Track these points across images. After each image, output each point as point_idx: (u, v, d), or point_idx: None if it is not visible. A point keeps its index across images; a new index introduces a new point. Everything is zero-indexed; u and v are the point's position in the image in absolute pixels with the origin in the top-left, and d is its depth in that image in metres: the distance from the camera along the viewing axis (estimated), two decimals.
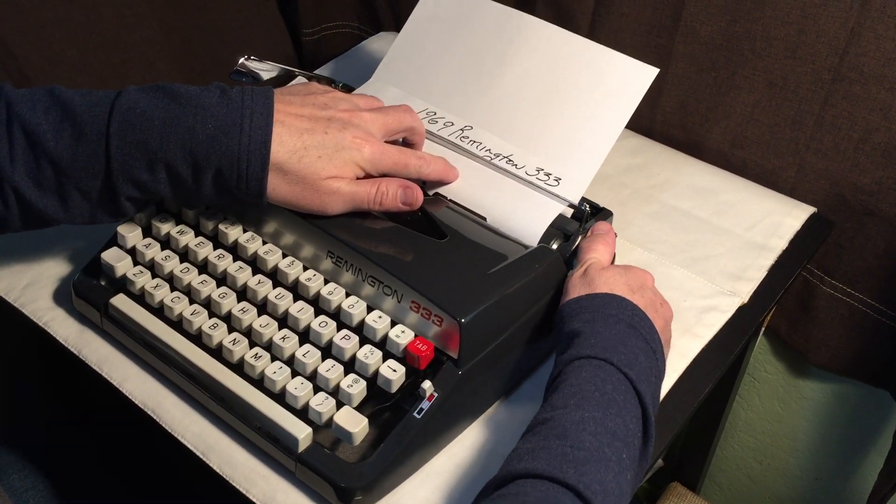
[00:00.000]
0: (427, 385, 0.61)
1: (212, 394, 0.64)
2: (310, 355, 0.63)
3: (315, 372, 0.62)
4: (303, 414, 0.62)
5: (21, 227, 0.64)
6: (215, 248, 0.70)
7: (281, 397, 0.63)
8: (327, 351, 0.64)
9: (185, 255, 0.71)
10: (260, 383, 0.64)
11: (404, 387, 0.62)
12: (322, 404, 0.61)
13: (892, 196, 0.83)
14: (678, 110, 0.94)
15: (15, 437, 0.81)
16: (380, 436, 0.62)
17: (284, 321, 0.66)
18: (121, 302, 0.69)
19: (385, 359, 0.62)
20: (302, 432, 0.60)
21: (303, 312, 0.65)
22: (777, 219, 0.86)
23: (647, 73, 0.71)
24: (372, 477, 0.59)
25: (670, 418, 0.68)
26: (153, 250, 0.70)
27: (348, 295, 0.65)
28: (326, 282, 0.66)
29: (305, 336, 0.65)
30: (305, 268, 0.67)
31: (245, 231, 0.70)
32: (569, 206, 0.71)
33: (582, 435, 0.54)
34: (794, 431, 1.13)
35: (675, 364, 0.71)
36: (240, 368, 0.65)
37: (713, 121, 0.92)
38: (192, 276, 0.69)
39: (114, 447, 0.87)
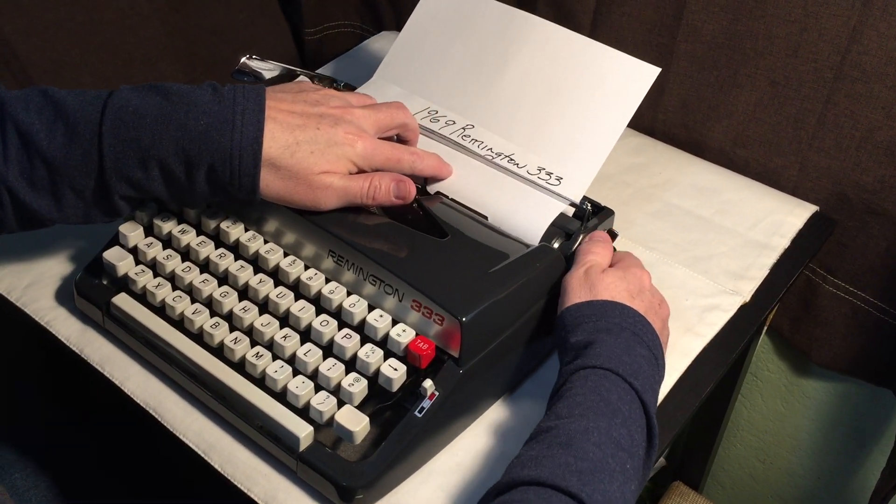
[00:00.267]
0: (428, 384, 0.61)
1: (213, 393, 0.65)
2: (311, 354, 0.63)
3: (316, 371, 0.62)
4: (304, 413, 0.62)
5: (17, 227, 0.64)
6: (217, 247, 0.70)
7: (282, 396, 0.63)
8: (328, 350, 0.64)
9: (186, 254, 0.71)
10: (261, 382, 0.64)
11: (405, 386, 0.62)
12: (323, 403, 0.61)
13: (895, 194, 0.83)
14: (680, 109, 0.93)
15: (16, 436, 0.81)
16: (381, 435, 0.62)
17: (286, 320, 0.66)
18: (122, 301, 0.69)
19: (386, 358, 0.62)
20: (303, 431, 0.60)
21: (304, 311, 0.65)
22: (779, 217, 0.85)
23: (649, 73, 0.71)
24: (373, 476, 0.59)
25: (672, 417, 0.68)
26: (155, 249, 0.71)
27: (349, 294, 0.65)
28: (328, 281, 0.66)
29: (307, 335, 0.65)
30: (307, 267, 0.67)
31: (246, 230, 0.70)
32: (570, 204, 0.71)
33: (586, 445, 0.53)
34: (797, 430, 1.12)
35: (676, 363, 0.71)
36: (241, 367, 0.65)
37: (715, 119, 0.91)
38: (193, 275, 0.69)
39: (115, 446, 0.87)
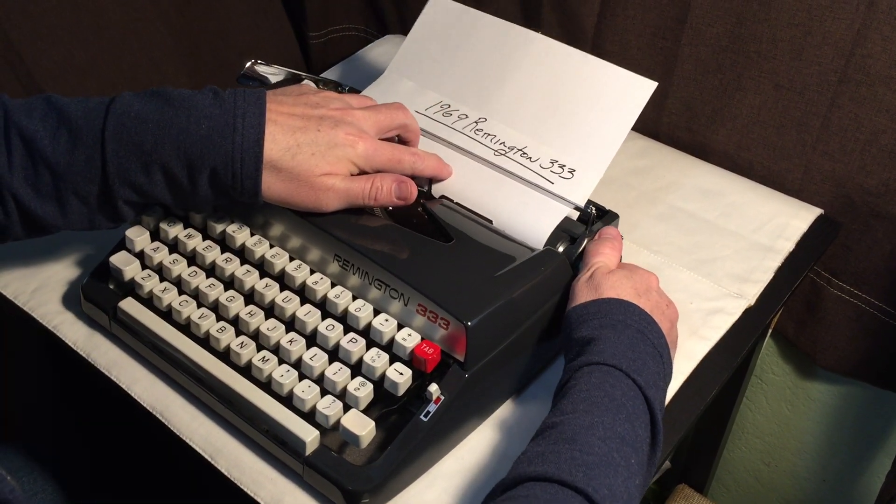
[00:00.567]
0: (434, 388, 0.61)
1: (219, 397, 0.65)
2: (317, 358, 0.63)
3: (322, 375, 0.63)
4: (310, 417, 0.62)
5: (23, 234, 0.65)
6: (223, 251, 0.70)
7: (288, 400, 0.63)
8: (334, 354, 0.64)
9: (192, 258, 0.71)
10: (267, 386, 0.64)
11: (411, 390, 0.62)
12: (329, 407, 0.61)
13: None
14: (684, 112, 0.94)
15: (24, 440, 0.82)
16: (387, 439, 0.63)
17: (292, 324, 0.66)
18: (129, 305, 0.69)
19: (392, 362, 0.62)
20: (309, 435, 0.60)
21: (310, 316, 0.65)
22: (784, 220, 0.85)
23: (646, 87, 0.71)
24: (379, 480, 0.59)
25: (677, 420, 0.68)
26: (161, 254, 0.71)
27: (355, 298, 0.65)
28: (333, 285, 0.66)
29: (312, 339, 0.65)
30: (312, 271, 0.67)
31: (252, 235, 0.70)
32: (575, 208, 0.71)
33: (591, 440, 0.54)
34: (802, 433, 1.12)
35: (681, 366, 0.71)
36: (247, 371, 0.65)
37: (719, 123, 0.91)
38: (199, 280, 0.69)
39: (122, 450, 0.87)
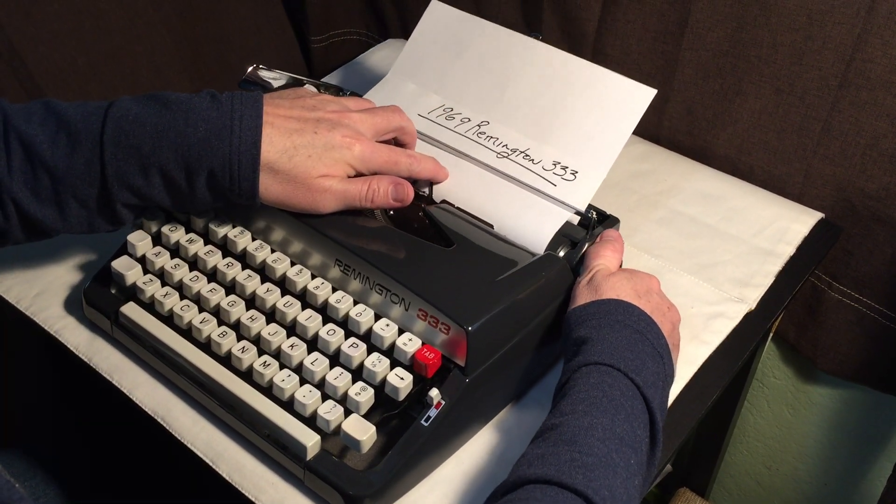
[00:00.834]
0: (434, 393, 0.61)
1: (221, 401, 0.65)
2: (318, 363, 0.63)
3: (323, 380, 0.63)
4: (311, 422, 0.62)
5: (23, 238, 0.65)
6: (224, 256, 0.70)
7: (289, 405, 0.63)
8: (335, 359, 0.64)
9: (194, 263, 0.71)
10: (268, 391, 0.64)
11: (412, 395, 0.62)
12: (330, 412, 0.61)
13: None
14: (685, 116, 0.94)
15: (26, 444, 0.82)
16: (388, 443, 0.63)
17: (293, 329, 0.66)
18: (131, 310, 0.70)
19: (392, 367, 0.62)
20: (310, 440, 0.61)
21: (311, 320, 0.65)
22: (784, 224, 0.85)
23: (646, 94, 0.72)
24: (380, 484, 0.59)
25: (678, 424, 0.68)
26: (163, 259, 0.71)
27: (356, 303, 0.65)
28: (334, 290, 0.66)
29: (313, 344, 0.65)
30: (313, 276, 0.67)
31: (254, 239, 0.70)
32: (575, 213, 0.71)
33: (590, 441, 0.54)
34: (803, 437, 1.12)
35: (682, 371, 0.71)
36: (248, 376, 0.65)
37: (720, 127, 0.92)
38: (201, 285, 0.69)
39: (123, 455, 0.87)
